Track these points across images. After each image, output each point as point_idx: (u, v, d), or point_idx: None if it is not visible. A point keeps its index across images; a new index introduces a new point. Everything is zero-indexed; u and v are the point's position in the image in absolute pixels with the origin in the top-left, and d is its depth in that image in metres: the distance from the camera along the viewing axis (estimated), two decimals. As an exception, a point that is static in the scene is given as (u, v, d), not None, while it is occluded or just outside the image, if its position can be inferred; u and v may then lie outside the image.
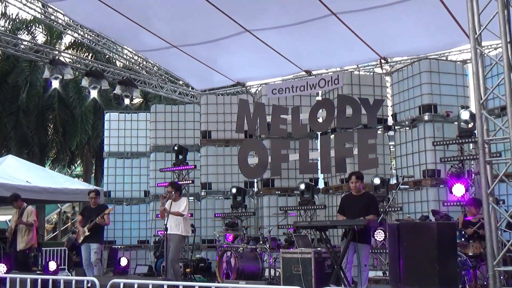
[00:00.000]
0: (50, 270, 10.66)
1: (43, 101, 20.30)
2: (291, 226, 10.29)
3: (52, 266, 10.92)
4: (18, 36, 17.54)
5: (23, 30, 20.71)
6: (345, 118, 10.34)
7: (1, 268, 9.20)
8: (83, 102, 19.73)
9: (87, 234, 9.28)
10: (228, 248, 10.11)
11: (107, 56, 17.12)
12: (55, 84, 12.19)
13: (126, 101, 13.36)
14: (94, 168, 24.44)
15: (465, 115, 9.01)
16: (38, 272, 9.03)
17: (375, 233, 8.73)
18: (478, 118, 5.60)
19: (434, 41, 10.29)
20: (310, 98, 12.52)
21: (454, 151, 9.64)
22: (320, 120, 10.78)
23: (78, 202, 18.03)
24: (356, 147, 10.12)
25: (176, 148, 12.68)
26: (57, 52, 13.05)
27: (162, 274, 9.97)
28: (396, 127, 11.32)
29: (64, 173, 22.49)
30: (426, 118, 10.41)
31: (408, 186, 10.70)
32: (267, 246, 9.75)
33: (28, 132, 20.20)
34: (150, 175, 13.98)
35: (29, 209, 9.89)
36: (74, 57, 14.28)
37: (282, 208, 11.21)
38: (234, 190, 11.95)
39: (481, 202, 5.66)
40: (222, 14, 9.86)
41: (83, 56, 18.44)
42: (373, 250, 9.17)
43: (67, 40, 21.58)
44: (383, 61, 11.37)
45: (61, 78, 11.77)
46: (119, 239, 13.95)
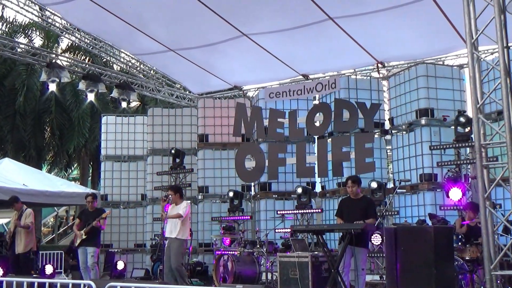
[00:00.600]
0: (46, 273, 10.64)
1: (40, 104, 20.25)
2: (286, 234, 10.30)
3: (48, 269, 10.89)
4: (15, 39, 17.49)
5: (20, 33, 20.65)
6: (342, 122, 10.37)
7: (-3, 271, 9.17)
8: (80, 105, 19.70)
9: (84, 237, 9.28)
10: (225, 252, 10.10)
11: (104, 59, 17.14)
12: (52, 87, 12.20)
13: (123, 104, 13.33)
14: (91, 171, 24.41)
15: (461, 120, 9.04)
16: (35, 275, 9.01)
17: (372, 237, 8.73)
18: (475, 123, 5.61)
19: (431, 45, 10.31)
20: (307, 102, 12.57)
21: (451, 155, 9.67)
22: (317, 124, 10.81)
23: (74, 205, 17.94)
24: (353, 151, 10.15)
25: (173, 151, 12.69)
26: (54, 55, 12.99)
27: (159, 277, 9.95)
28: (393, 131, 11.37)
29: (61, 176, 22.46)
30: (423, 122, 10.45)
31: (405, 190, 10.75)
32: (264, 250, 9.76)
33: (25, 135, 20.12)
34: (147, 179, 13.97)
35: (28, 211, 9.95)
36: (71, 60, 14.23)
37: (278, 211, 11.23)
38: (231, 194, 11.92)
39: (478, 207, 5.67)
40: (220, 18, 9.88)
41: (80, 59, 18.36)
42: (370, 254, 9.17)
43: (64, 43, 21.56)
44: (380, 65, 11.40)
45: (58, 81, 11.73)
46: (116, 243, 13.94)
